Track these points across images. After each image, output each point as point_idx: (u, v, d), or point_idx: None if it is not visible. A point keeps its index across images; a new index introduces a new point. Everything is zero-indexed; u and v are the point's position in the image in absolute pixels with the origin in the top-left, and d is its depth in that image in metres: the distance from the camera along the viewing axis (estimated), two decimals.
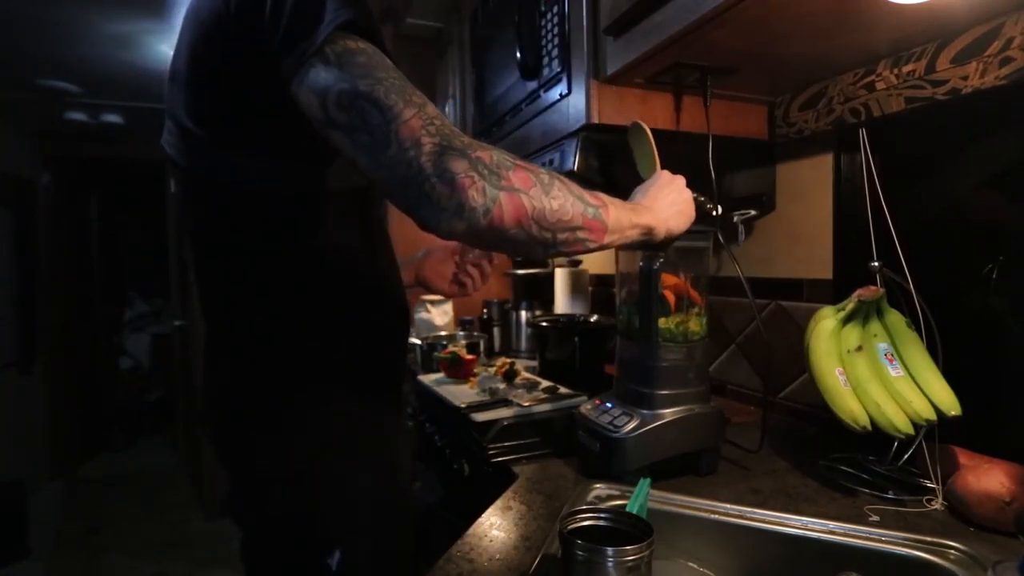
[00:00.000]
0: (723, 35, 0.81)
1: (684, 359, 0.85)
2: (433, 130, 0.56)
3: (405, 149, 0.55)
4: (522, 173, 0.59)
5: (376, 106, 0.55)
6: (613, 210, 0.67)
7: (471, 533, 0.71)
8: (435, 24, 2.09)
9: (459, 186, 0.54)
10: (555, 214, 0.60)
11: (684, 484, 0.84)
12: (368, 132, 0.56)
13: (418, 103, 0.57)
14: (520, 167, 0.59)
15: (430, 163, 0.54)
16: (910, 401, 0.77)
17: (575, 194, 0.63)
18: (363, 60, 0.57)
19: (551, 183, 0.61)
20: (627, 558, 0.50)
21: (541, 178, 0.60)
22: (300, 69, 0.57)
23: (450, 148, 0.55)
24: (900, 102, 0.90)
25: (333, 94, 0.56)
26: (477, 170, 0.56)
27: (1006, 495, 0.67)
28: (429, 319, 2.06)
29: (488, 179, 0.56)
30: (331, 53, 0.56)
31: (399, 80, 0.58)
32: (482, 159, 0.56)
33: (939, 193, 0.91)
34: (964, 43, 0.81)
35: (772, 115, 1.15)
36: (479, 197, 0.55)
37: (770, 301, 1.22)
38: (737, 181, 1.24)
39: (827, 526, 0.70)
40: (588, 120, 1.00)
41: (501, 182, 0.57)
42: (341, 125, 0.57)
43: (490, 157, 0.57)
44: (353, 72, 0.56)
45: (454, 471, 1.15)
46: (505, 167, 0.58)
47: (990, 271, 0.83)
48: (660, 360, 0.85)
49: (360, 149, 0.57)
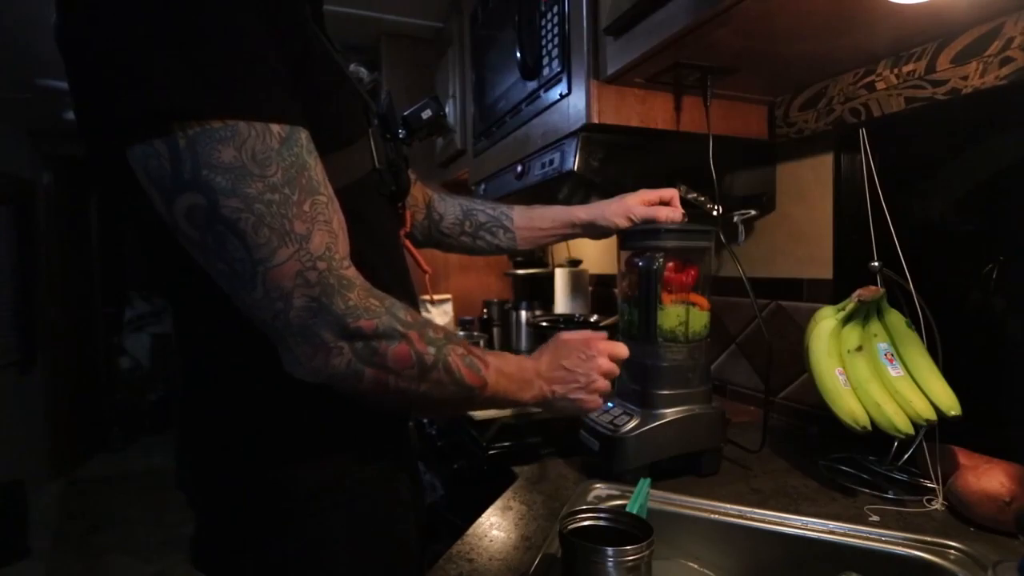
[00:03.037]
0: (723, 35, 0.81)
1: (686, 359, 0.85)
2: (313, 277, 0.47)
3: (272, 300, 0.47)
4: (404, 351, 0.52)
5: (240, 239, 0.44)
6: (490, 390, 0.61)
7: (471, 533, 0.71)
8: (435, 24, 2.09)
9: (323, 352, 0.49)
10: (419, 396, 0.55)
11: (684, 484, 0.84)
12: (227, 264, 0.46)
13: (300, 235, 0.46)
14: (407, 343, 0.52)
15: (297, 322, 0.48)
16: (910, 401, 0.77)
17: (456, 376, 0.57)
18: (228, 157, 0.42)
19: (433, 366, 0.54)
20: (627, 558, 0.50)
21: (425, 359, 0.54)
22: (131, 147, 0.43)
23: (327, 310, 0.48)
24: (900, 102, 0.90)
25: (182, 205, 0.43)
26: (350, 342, 0.50)
27: (1006, 495, 0.67)
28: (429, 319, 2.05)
29: (360, 352, 0.51)
30: (181, 138, 0.42)
31: (281, 193, 0.45)
32: (363, 330, 0.50)
33: (939, 193, 0.91)
34: (964, 43, 0.81)
35: (772, 115, 1.15)
36: (342, 367, 0.50)
37: (770, 301, 1.22)
38: (737, 181, 1.24)
39: (827, 526, 0.70)
40: (588, 120, 1.00)
41: (374, 358, 0.51)
42: (192, 239, 0.46)
43: (374, 327, 0.51)
44: (211, 181, 0.42)
45: (454, 471, 1.15)
46: (388, 340, 0.51)
47: (990, 271, 0.83)
48: (661, 360, 0.85)
49: (216, 274, 0.48)
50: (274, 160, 0.45)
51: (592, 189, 1.19)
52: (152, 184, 0.45)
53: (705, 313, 0.86)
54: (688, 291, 0.85)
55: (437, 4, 1.96)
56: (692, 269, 0.85)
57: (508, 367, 0.64)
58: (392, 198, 0.70)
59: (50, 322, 3.59)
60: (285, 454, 0.59)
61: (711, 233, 0.86)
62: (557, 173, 1.10)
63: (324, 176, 0.51)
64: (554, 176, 1.11)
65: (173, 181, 0.43)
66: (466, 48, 1.74)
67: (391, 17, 2.05)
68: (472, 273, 2.35)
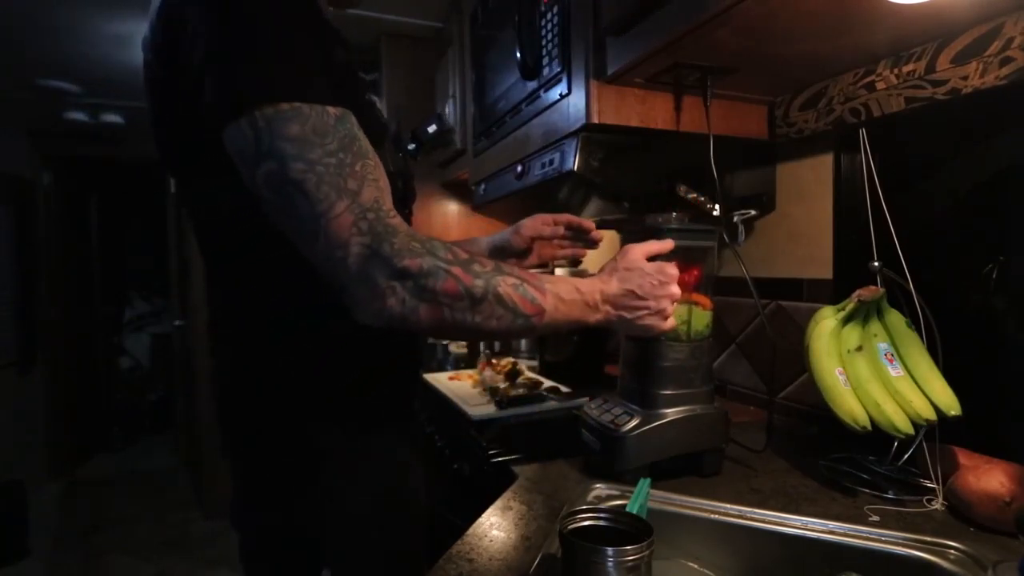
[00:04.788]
0: (723, 35, 0.81)
1: (688, 358, 0.84)
2: (365, 227, 0.54)
3: (332, 248, 0.54)
4: (452, 285, 0.57)
5: (306, 197, 0.53)
6: (548, 317, 0.64)
7: (471, 533, 0.71)
8: (435, 24, 2.09)
9: (379, 294, 0.55)
10: (476, 326, 0.59)
11: (684, 484, 0.84)
12: (296, 219, 0.55)
13: (352, 190, 0.54)
14: (453, 278, 0.57)
15: (355, 267, 0.54)
16: (910, 401, 0.77)
17: (510, 305, 0.61)
18: (296, 130, 0.53)
19: (484, 297, 0.59)
20: (627, 558, 0.50)
21: (474, 291, 0.58)
22: (227, 128, 0.54)
23: (377, 254, 0.54)
24: (900, 102, 0.90)
25: (262, 172, 0.54)
26: (401, 280, 0.55)
27: (1006, 495, 0.67)
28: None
29: (411, 290, 0.55)
30: (260, 118, 0.53)
31: (337, 157, 0.54)
32: (409, 269, 0.55)
33: (939, 193, 0.91)
34: (964, 43, 0.81)
35: (772, 115, 1.15)
36: (397, 307, 0.55)
37: (770, 301, 1.22)
38: (737, 181, 1.24)
39: (827, 526, 0.70)
40: (588, 120, 1.00)
41: (424, 293, 0.56)
42: (269, 201, 0.56)
43: (419, 266, 0.55)
44: (283, 150, 0.53)
45: (454, 471, 1.15)
46: (434, 277, 0.56)
47: (990, 271, 0.83)
48: (663, 359, 0.84)
49: (287, 229, 0.57)
50: (331, 132, 0.55)
51: (592, 189, 1.19)
52: (241, 158, 0.55)
53: (708, 313, 0.85)
54: (691, 290, 0.84)
55: (437, 4, 1.96)
56: (695, 268, 0.85)
57: (568, 293, 0.67)
58: (403, 203, 0.79)
59: (50, 322, 3.59)
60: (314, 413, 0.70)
61: (715, 233, 0.85)
62: (557, 173, 1.10)
63: (370, 146, 0.59)
64: (554, 176, 1.11)
65: (255, 152, 0.54)
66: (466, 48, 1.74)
67: (391, 17, 2.05)
68: None
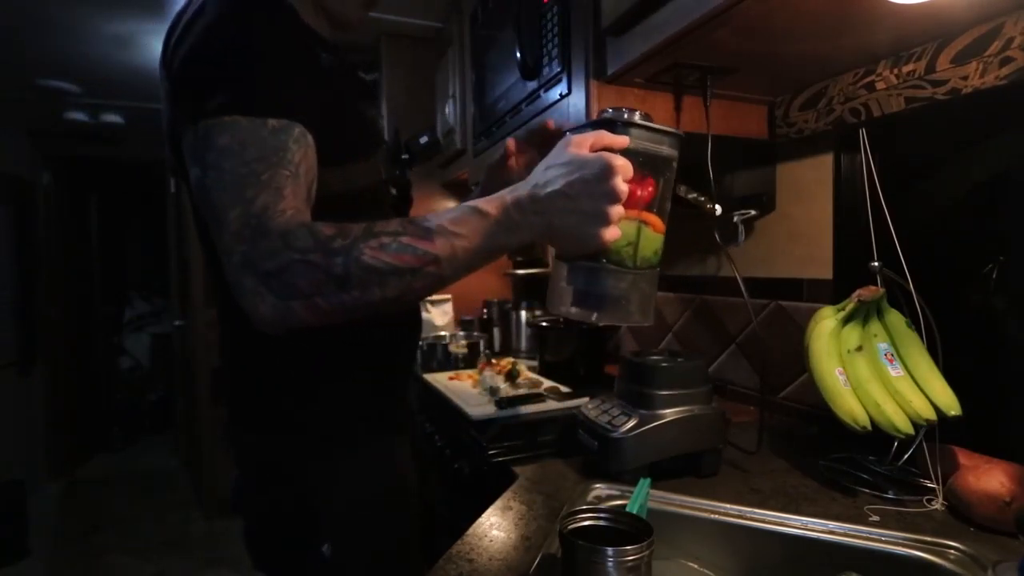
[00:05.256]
0: (723, 35, 0.81)
1: (630, 288, 0.64)
2: (248, 233, 0.54)
3: (224, 255, 0.55)
4: (310, 273, 0.53)
5: (212, 205, 0.56)
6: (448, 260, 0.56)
7: (471, 533, 0.71)
8: (435, 24, 2.09)
9: (253, 301, 0.54)
10: (361, 302, 0.55)
11: (684, 484, 0.83)
12: (211, 224, 0.57)
13: (248, 198, 0.54)
14: (309, 266, 0.53)
15: (233, 275, 0.54)
16: (910, 401, 0.77)
17: (385, 269, 0.54)
18: (223, 141, 0.56)
19: (346, 274, 0.53)
20: (627, 558, 0.50)
21: (333, 271, 0.53)
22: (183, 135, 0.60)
23: (248, 260, 0.54)
24: (900, 102, 0.90)
25: (192, 177, 0.58)
26: (266, 283, 0.53)
27: (1006, 495, 0.67)
28: (429, 319, 2.06)
29: (276, 292, 0.54)
30: (202, 127, 0.57)
31: (249, 167, 0.55)
32: (269, 270, 0.53)
33: (939, 193, 0.91)
34: (964, 43, 0.81)
35: (772, 115, 1.15)
36: (270, 311, 0.54)
37: (770, 301, 1.22)
38: (737, 181, 1.24)
39: (827, 526, 0.70)
40: (588, 120, 1.00)
41: (288, 290, 0.53)
42: (197, 206, 0.60)
43: (277, 264, 0.53)
44: (206, 159, 0.56)
45: (454, 471, 1.15)
46: (290, 272, 0.53)
47: (990, 271, 0.83)
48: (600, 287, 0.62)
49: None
50: (257, 144, 0.56)
51: None
52: (188, 163, 0.59)
53: (658, 236, 0.66)
54: (641, 207, 0.65)
55: (437, 4, 1.96)
56: (650, 181, 0.65)
57: (465, 222, 0.56)
58: (396, 209, 0.81)
59: (50, 322, 3.59)
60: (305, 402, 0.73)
61: (678, 141, 0.66)
62: None
63: (303, 159, 0.59)
64: None
65: (191, 159, 0.58)
66: (466, 48, 1.74)
67: (391, 17, 2.05)
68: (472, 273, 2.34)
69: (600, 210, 0.55)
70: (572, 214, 0.55)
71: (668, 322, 1.56)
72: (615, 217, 0.56)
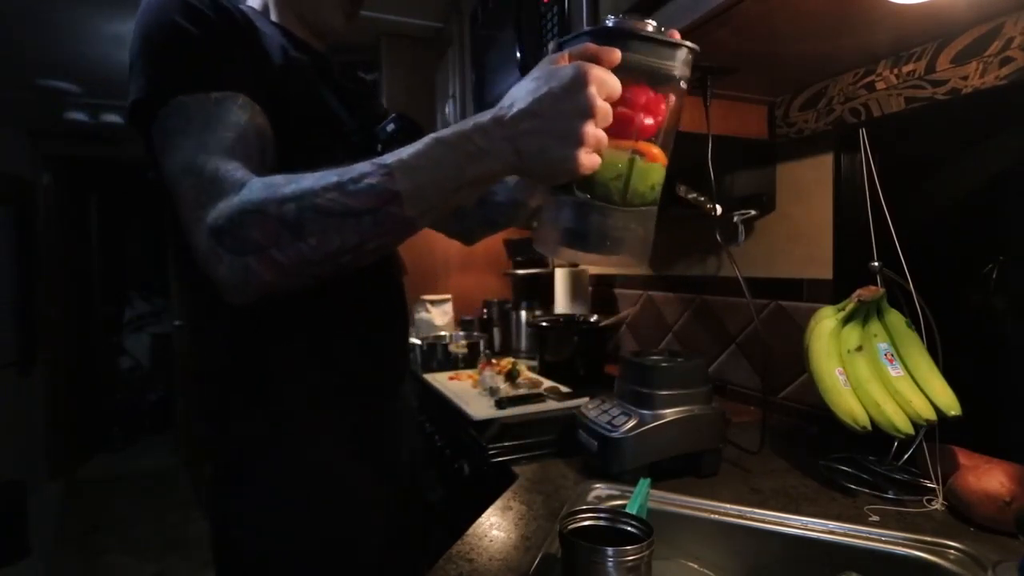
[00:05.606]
0: (723, 35, 0.81)
1: (619, 229, 0.54)
2: (203, 199, 0.53)
3: (186, 228, 0.54)
4: (260, 223, 0.50)
5: (171, 184, 0.56)
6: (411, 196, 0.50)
7: (471, 533, 0.71)
8: (435, 24, 2.09)
9: (211, 265, 0.52)
10: (321, 253, 0.50)
11: (684, 484, 0.84)
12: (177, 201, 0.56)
13: (199, 165, 0.54)
14: (260, 215, 0.50)
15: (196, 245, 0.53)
16: (910, 401, 0.77)
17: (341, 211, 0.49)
18: (171, 124, 0.57)
19: (299, 219, 0.49)
20: (627, 558, 0.50)
21: (286, 218, 0.49)
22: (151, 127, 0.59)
23: (204, 223, 0.52)
24: (900, 102, 0.90)
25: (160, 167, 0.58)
26: (219, 241, 0.51)
27: (1006, 495, 0.67)
28: (429, 319, 2.06)
29: (231, 248, 0.50)
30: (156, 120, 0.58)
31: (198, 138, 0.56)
32: (221, 227, 0.51)
33: (939, 193, 0.91)
34: (964, 43, 0.81)
35: (772, 115, 1.15)
36: (228, 272, 0.51)
37: (770, 301, 1.22)
38: (737, 181, 1.24)
39: (827, 526, 0.70)
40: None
41: (242, 246, 0.50)
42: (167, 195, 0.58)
43: (228, 218, 0.51)
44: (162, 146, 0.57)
45: (454, 471, 1.15)
46: (241, 225, 0.50)
47: (990, 271, 0.83)
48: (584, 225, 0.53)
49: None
50: (201, 116, 0.57)
51: None
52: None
53: (655, 167, 0.54)
54: (639, 137, 0.53)
55: (437, 4, 1.96)
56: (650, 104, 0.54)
57: (425, 154, 0.50)
58: None
59: (50, 322, 3.59)
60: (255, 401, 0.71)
61: (689, 56, 0.53)
62: None
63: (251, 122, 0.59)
64: None
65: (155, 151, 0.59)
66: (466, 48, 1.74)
67: (391, 17, 2.05)
68: (472, 273, 2.35)
69: (570, 129, 0.46)
70: (540, 135, 0.47)
71: (668, 322, 1.56)
72: (590, 139, 0.47)
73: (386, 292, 0.83)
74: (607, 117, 0.48)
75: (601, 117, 0.47)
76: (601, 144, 0.48)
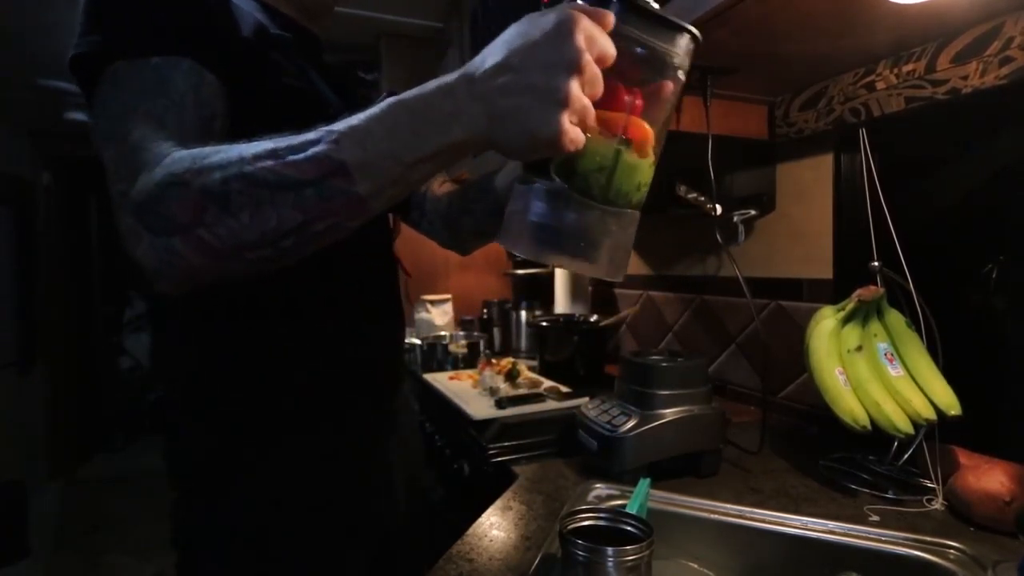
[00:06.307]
0: (723, 35, 0.81)
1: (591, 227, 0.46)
2: (124, 172, 0.47)
3: (113, 198, 0.48)
4: (183, 196, 0.43)
5: (99, 155, 0.51)
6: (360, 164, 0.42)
7: (471, 533, 0.71)
8: (435, 24, 2.09)
9: (132, 247, 0.45)
10: (258, 230, 0.43)
11: (684, 484, 0.84)
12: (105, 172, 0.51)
13: (123, 133, 0.49)
14: (183, 186, 0.43)
15: (118, 221, 0.47)
16: (910, 401, 0.77)
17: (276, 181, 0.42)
18: (103, 91, 0.52)
19: (226, 190, 0.42)
20: (627, 558, 0.50)
21: (211, 189, 0.42)
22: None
23: (125, 197, 0.46)
24: (900, 102, 0.90)
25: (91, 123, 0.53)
26: (141, 220, 0.44)
27: (1006, 495, 0.67)
28: (429, 319, 2.06)
29: (153, 227, 0.44)
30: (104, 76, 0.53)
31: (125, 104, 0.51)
32: (140, 203, 0.44)
33: (939, 193, 0.91)
34: (964, 43, 0.81)
35: (772, 115, 1.15)
36: (149, 255, 0.44)
37: (770, 301, 1.22)
38: (737, 181, 1.24)
39: (827, 526, 0.70)
40: None
41: (165, 224, 0.43)
42: None
43: (148, 193, 0.44)
44: (94, 107, 0.52)
45: (454, 471, 1.15)
46: (161, 200, 0.43)
47: (990, 271, 0.83)
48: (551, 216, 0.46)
49: None
50: (133, 81, 0.52)
51: None
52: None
53: (643, 165, 0.47)
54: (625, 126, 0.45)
55: (437, 4, 1.96)
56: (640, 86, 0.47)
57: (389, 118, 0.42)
58: None
59: (50, 322, 3.59)
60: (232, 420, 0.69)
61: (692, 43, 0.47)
62: None
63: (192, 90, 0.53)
64: None
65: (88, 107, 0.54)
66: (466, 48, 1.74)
67: (391, 17, 2.05)
68: (472, 273, 2.35)
69: (552, 86, 0.38)
70: (516, 93, 0.39)
71: (668, 322, 1.56)
72: (575, 101, 0.38)
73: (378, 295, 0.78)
74: (596, 81, 0.39)
75: (589, 78, 0.39)
76: (588, 114, 0.40)
